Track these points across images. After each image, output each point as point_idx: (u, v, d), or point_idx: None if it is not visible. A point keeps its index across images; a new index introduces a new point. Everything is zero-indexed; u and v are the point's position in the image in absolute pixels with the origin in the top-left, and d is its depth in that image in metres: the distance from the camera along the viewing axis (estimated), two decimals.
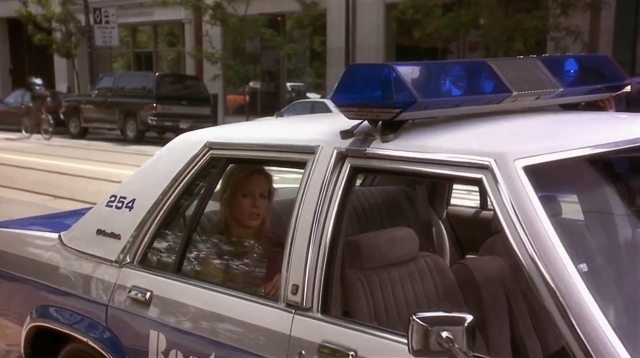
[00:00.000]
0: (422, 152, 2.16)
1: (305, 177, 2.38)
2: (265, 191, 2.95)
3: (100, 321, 2.80)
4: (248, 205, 2.88)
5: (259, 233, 2.99)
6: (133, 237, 2.81)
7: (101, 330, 2.79)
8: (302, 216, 2.32)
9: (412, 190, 3.78)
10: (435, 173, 2.13)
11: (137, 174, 3.03)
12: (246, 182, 2.87)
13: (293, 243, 2.31)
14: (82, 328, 2.87)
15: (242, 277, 2.81)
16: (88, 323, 2.85)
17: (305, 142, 2.47)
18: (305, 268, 2.24)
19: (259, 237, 2.98)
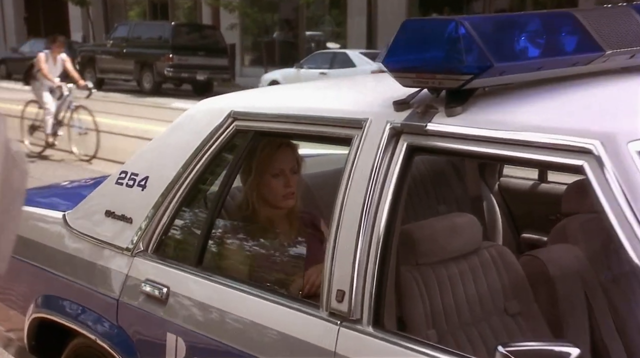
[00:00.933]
0: (499, 129, 1.73)
1: (351, 158, 1.96)
2: (295, 165, 2.55)
3: (110, 318, 2.44)
4: (280, 185, 2.48)
5: (291, 213, 2.59)
6: (146, 221, 2.43)
7: (111, 327, 2.43)
8: (349, 206, 1.92)
9: (459, 159, 3.35)
10: (518, 157, 1.70)
11: (150, 147, 2.62)
12: (274, 159, 2.46)
13: (337, 239, 1.91)
14: (89, 325, 2.51)
15: (275, 269, 2.42)
16: (96, 319, 2.49)
17: (350, 113, 2.05)
18: (354, 270, 1.85)
19: (290, 218, 2.58)
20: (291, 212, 2.59)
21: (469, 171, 3.31)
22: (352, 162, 1.96)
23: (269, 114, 2.25)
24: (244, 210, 2.49)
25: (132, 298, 2.37)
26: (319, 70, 16.98)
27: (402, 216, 1.91)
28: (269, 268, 2.43)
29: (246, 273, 2.37)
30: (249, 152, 2.35)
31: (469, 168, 3.32)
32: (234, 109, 2.34)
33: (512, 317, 2.17)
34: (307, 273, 2.43)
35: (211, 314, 2.14)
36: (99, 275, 2.52)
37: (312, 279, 2.36)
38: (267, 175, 2.46)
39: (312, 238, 2.64)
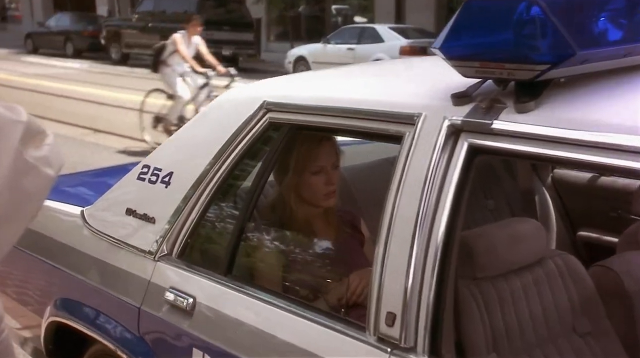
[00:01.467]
0: (582, 130, 1.47)
1: (402, 158, 1.71)
2: (337, 161, 2.30)
3: (131, 327, 2.22)
4: (321, 183, 2.23)
5: (329, 212, 2.35)
6: (170, 222, 2.20)
7: (132, 338, 2.22)
8: (400, 215, 1.67)
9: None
10: (608, 165, 1.44)
11: (175, 140, 2.39)
12: (315, 155, 2.22)
13: (387, 253, 1.67)
14: (109, 333, 2.30)
15: (312, 276, 2.19)
16: (116, 328, 2.28)
17: (400, 107, 1.79)
18: (406, 290, 1.60)
19: (328, 218, 2.34)
20: (329, 210, 2.35)
21: (519, 162, 3.04)
22: (403, 164, 1.71)
23: (306, 105, 2.00)
24: (279, 211, 2.25)
25: (155, 307, 2.15)
26: (347, 45, 16.64)
27: (461, 227, 1.66)
28: (306, 274, 2.20)
29: (280, 282, 2.14)
30: (285, 147, 2.10)
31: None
32: (267, 98, 2.09)
33: (582, 337, 1.92)
34: (346, 280, 2.20)
35: (241, 331, 1.91)
36: (119, 279, 2.30)
37: (353, 287, 2.13)
38: (306, 173, 2.22)
39: (352, 240, 2.41)
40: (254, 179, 2.12)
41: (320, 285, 2.19)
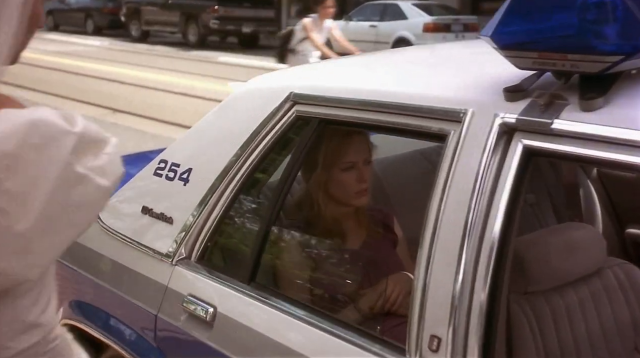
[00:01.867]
0: None
1: (447, 160, 1.52)
2: (369, 156, 2.11)
3: (147, 336, 2.06)
4: (352, 180, 2.05)
5: (359, 211, 2.17)
6: (189, 222, 2.03)
7: (148, 348, 2.05)
8: (446, 224, 1.48)
9: None
10: None
11: (194, 133, 2.21)
12: (345, 149, 2.03)
13: (430, 266, 1.48)
14: (124, 341, 2.14)
15: (342, 282, 2.01)
16: (131, 335, 2.12)
17: (443, 101, 1.60)
18: (453, 310, 1.42)
19: (359, 217, 2.16)
20: (359, 209, 2.16)
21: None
22: (448, 166, 1.52)
23: (337, 98, 1.81)
24: (305, 210, 2.07)
25: (173, 316, 1.99)
26: (369, 22, 16.34)
27: (515, 239, 1.47)
28: (335, 280, 2.02)
29: (307, 289, 1.96)
30: (313, 143, 1.91)
31: None
32: (294, 90, 1.91)
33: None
34: (379, 285, 2.02)
35: (266, 348, 1.74)
36: (134, 283, 2.14)
37: (388, 294, 1.96)
38: (336, 170, 2.03)
39: (384, 241, 2.23)
40: (280, 177, 1.94)
41: (350, 291, 2.02)
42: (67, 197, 0.89)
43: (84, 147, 0.91)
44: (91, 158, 0.92)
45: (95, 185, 0.92)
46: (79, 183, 0.90)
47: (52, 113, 0.89)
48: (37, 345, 0.96)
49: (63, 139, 0.88)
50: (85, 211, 0.93)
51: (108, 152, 0.95)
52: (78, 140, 0.89)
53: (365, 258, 2.12)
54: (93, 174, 0.91)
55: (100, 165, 0.93)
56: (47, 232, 0.89)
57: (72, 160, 0.88)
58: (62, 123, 0.88)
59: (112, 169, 0.96)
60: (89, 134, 0.92)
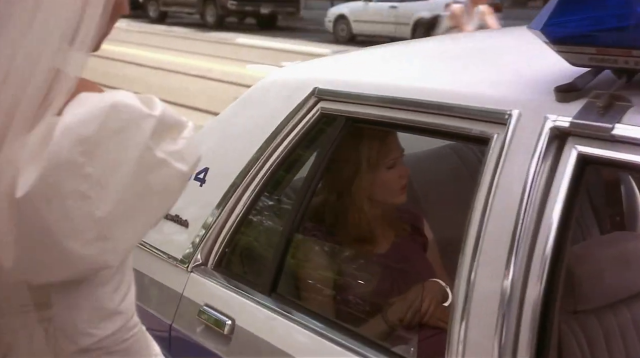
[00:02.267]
0: None
1: (490, 166, 1.37)
2: (402, 148, 1.98)
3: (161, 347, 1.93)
4: (396, 177, 1.92)
5: (388, 212, 2.02)
6: (206, 226, 1.89)
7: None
8: (489, 236, 1.33)
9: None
10: None
11: (211, 130, 2.06)
12: (388, 146, 1.90)
13: (473, 280, 1.33)
14: None
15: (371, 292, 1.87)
16: None
17: (486, 101, 1.44)
18: (501, 338, 1.27)
19: (387, 219, 2.02)
20: (388, 211, 2.02)
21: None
22: (492, 174, 1.36)
23: (365, 95, 1.66)
24: (340, 217, 1.92)
25: (188, 327, 1.86)
26: (389, 3, 16.08)
27: (568, 257, 1.32)
28: (362, 290, 1.88)
29: (332, 301, 1.82)
30: (341, 143, 1.76)
31: None
32: (318, 84, 1.76)
33: None
34: (409, 294, 1.88)
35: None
36: (147, 289, 2.01)
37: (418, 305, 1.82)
38: (381, 169, 1.89)
39: (414, 245, 2.08)
40: (304, 178, 1.79)
41: (377, 301, 1.87)
42: (146, 182, 0.88)
43: (162, 131, 0.90)
44: (170, 142, 0.91)
45: (174, 170, 0.90)
46: (158, 168, 0.89)
47: (132, 96, 0.88)
48: (118, 332, 0.94)
49: (143, 123, 0.87)
50: (164, 196, 0.92)
51: (186, 136, 0.93)
52: (157, 123, 0.88)
53: (393, 264, 1.97)
54: (172, 158, 0.90)
55: (179, 149, 0.91)
56: (127, 217, 0.88)
57: (151, 145, 0.88)
58: (142, 106, 0.88)
59: (190, 154, 0.93)
60: (168, 117, 0.91)
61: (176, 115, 0.93)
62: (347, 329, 1.59)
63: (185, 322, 1.86)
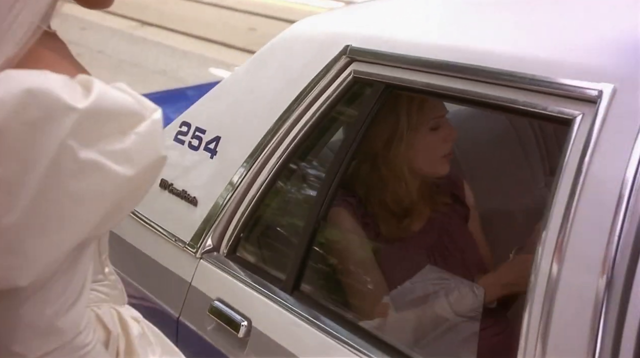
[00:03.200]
0: None
1: (576, 153, 1.09)
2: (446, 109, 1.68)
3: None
4: (440, 140, 1.62)
5: (425, 187, 1.74)
6: (218, 206, 1.63)
7: None
8: (575, 241, 1.06)
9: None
10: None
11: (223, 92, 1.76)
12: (432, 103, 1.59)
13: (555, 282, 1.07)
14: None
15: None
16: None
17: (566, 70, 1.15)
18: (597, 343, 1.01)
19: (423, 190, 1.73)
20: (426, 181, 1.74)
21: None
22: (578, 164, 1.08)
23: (410, 58, 1.35)
24: (391, 192, 1.64)
25: (197, 322, 1.61)
26: None
27: None
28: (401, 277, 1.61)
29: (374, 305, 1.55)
30: (379, 113, 1.46)
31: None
32: (350, 42, 1.46)
33: None
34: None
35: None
36: (151, 274, 1.77)
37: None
38: (423, 130, 1.60)
39: (454, 217, 1.80)
40: (334, 156, 1.51)
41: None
42: (65, 188, 0.74)
43: (96, 126, 0.75)
44: (112, 139, 0.76)
45: (111, 173, 0.75)
46: (84, 172, 0.74)
47: (57, 80, 0.72)
48: (56, 353, 0.83)
49: (61, 117, 0.72)
50: (94, 205, 0.77)
51: (139, 131, 0.77)
52: (82, 118, 0.73)
53: (429, 244, 1.70)
54: (109, 159, 0.75)
55: (124, 148, 0.76)
56: (40, 230, 0.75)
57: (73, 144, 0.73)
58: (65, 95, 0.72)
59: (141, 153, 0.77)
60: (108, 107, 0.75)
61: (129, 104, 0.76)
62: (385, 342, 1.32)
63: (194, 316, 1.62)
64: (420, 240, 1.71)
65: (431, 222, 1.74)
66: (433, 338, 1.39)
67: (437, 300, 1.43)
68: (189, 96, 2.93)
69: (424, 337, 1.40)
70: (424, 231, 1.72)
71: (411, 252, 1.68)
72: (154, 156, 0.80)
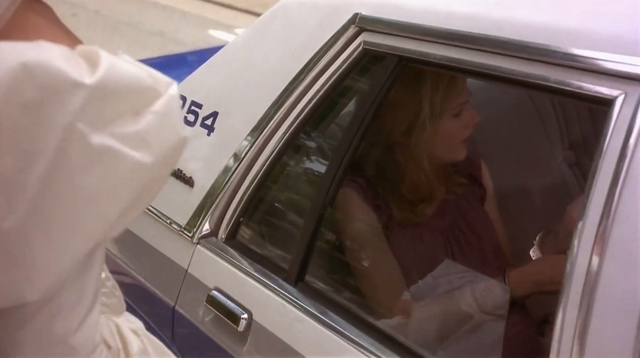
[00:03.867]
0: None
1: (619, 137, 0.97)
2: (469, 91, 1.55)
3: (163, 331, 1.59)
4: (461, 126, 1.50)
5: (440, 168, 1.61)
6: (216, 187, 1.51)
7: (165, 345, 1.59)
8: (619, 234, 0.95)
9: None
10: None
11: (220, 64, 1.62)
12: (455, 89, 1.46)
13: (595, 278, 0.95)
14: None
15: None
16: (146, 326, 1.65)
17: (603, 43, 1.02)
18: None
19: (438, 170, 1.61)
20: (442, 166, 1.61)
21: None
22: (621, 149, 0.96)
23: (428, 28, 1.22)
24: (410, 179, 1.52)
25: (193, 313, 1.50)
26: None
27: None
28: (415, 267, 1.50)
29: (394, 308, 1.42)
30: (391, 88, 1.33)
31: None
32: (359, 9, 1.32)
33: None
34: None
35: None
36: (146, 259, 1.65)
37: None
38: (447, 117, 1.47)
39: (469, 199, 1.68)
40: (343, 133, 1.38)
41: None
42: (75, 182, 0.63)
43: (108, 106, 0.63)
44: (125, 120, 0.64)
45: (125, 161, 0.64)
46: (97, 161, 0.63)
47: (58, 52, 0.60)
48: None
49: (68, 95, 0.60)
50: (109, 201, 0.66)
51: (155, 110, 0.65)
52: (93, 95, 0.61)
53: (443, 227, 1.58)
54: (124, 144, 0.64)
55: (139, 130, 0.65)
56: (47, 234, 0.64)
57: (83, 127, 0.62)
58: (70, 69, 0.60)
59: (159, 136, 0.66)
60: (119, 82, 0.63)
61: (144, 77, 0.64)
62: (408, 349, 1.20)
63: (190, 306, 1.51)
64: (435, 223, 1.59)
65: (446, 204, 1.62)
66: (455, 339, 1.28)
67: (462, 296, 1.32)
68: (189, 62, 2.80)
69: (446, 337, 1.28)
70: (438, 214, 1.60)
71: (425, 236, 1.56)
72: (174, 138, 0.68)
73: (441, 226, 1.59)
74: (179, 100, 0.69)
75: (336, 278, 1.44)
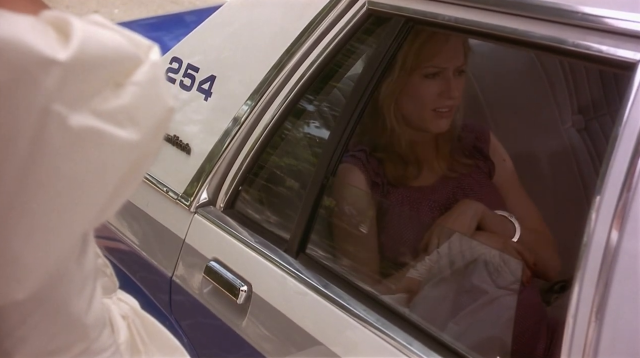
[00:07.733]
0: None
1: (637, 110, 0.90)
2: (463, 64, 1.46)
3: (160, 301, 1.55)
4: (434, 92, 1.41)
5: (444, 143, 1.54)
6: (214, 154, 1.45)
7: (162, 317, 1.55)
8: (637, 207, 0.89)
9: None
10: None
11: (218, 25, 1.55)
12: (433, 49, 1.38)
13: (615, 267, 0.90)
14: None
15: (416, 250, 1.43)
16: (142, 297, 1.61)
17: (621, 6, 0.96)
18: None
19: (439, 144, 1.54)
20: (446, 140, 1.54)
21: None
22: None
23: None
24: (377, 135, 1.46)
25: (190, 284, 1.46)
26: None
27: None
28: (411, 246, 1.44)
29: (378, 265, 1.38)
30: (395, 51, 1.27)
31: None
32: None
33: None
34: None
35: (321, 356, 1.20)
36: (143, 229, 1.60)
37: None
38: (417, 75, 1.39)
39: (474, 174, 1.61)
40: (347, 99, 1.32)
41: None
42: (57, 170, 0.57)
43: (85, 81, 0.56)
44: (104, 96, 0.58)
45: (111, 141, 0.58)
46: (79, 144, 0.57)
47: (24, 24, 0.53)
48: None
49: (39, 75, 0.54)
50: (96, 187, 0.60)
51: (137, 81, 0.59)
52: (67, 72, 0.55)
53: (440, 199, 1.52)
54: (107, 123, 0.58)
55: (123, 105, 0.58)
56: (30, 228, 0.59)
57: (60, 107, 0.55)
58: (41, 44, 0.53)
59: (145, 109, 0.59)
60: (96, 53, 0.56)
61: (123, 44, 0.57)
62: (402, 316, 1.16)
63: (187, 277, 1.46)
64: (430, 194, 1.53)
65: (445, 179, 1.55)
66: (465, 314, 1.23)
67: (476, 271, 1.26)
68: (187, 22, 2.71)
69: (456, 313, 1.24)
70: (435, 187, 1.54)
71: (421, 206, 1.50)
72: (161, 110, 0.62)
73: (437, 198, 1.53)
74: (161, 64, 0.62)
75: (338, 250, 1.39)
